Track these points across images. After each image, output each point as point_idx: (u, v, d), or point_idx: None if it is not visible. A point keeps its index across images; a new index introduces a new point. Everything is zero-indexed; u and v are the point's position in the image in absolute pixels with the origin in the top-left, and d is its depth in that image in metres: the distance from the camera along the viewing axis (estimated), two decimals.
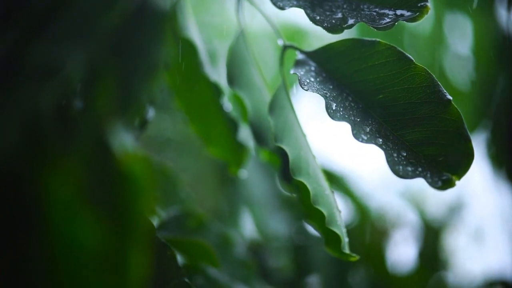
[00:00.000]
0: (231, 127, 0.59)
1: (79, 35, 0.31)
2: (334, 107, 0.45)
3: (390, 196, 1.18)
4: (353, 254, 0.46)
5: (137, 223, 0.29)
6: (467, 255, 1.15)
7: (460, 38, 1.20)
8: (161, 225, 0.58)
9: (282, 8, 0.48)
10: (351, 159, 1.11)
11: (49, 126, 0.30)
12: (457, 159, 0.44)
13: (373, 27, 0.45)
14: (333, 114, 0.45)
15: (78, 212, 0.29)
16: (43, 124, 0.29)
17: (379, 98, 0.45)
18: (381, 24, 0.45)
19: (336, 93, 0.46)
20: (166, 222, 0.58)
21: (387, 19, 0.45)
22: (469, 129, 0.44)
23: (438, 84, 0.44)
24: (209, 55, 0.61)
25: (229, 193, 0.94)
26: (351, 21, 0.46)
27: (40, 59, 0.30)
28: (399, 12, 0.45)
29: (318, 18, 0.47)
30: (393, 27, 0.45)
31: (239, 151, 0.60)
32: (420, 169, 0.44)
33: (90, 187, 0.29)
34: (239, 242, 0.63)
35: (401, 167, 0.44)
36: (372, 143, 0.44)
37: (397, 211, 1.13)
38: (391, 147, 0.44)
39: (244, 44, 0.55)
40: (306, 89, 0.46)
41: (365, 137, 0.44)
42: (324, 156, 1.05)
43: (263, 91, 0.56)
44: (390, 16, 0.45)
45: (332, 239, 0.46)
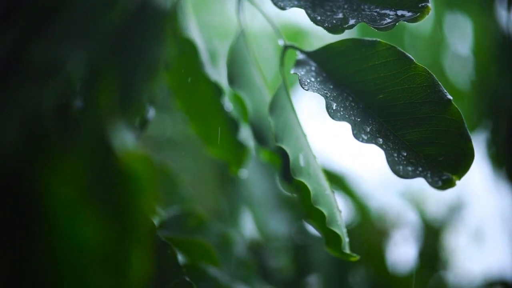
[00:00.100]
0: (232, 127, 0.59)
1: (79, 35, 0.31)
2: (335, 107, 0.45)
3: (390, 196, 1.18)
4: (353, 254, 0.46)
5: (138, 222, 0.29)
6: (467, 255, 1.15)
7: (460, 38, 1.20)
8: (162, 225, 0.58)
9: (282, 8, 0.48)
10: (351, 159, 1.11)
11: (50, 125, 0.30)
12: (457, 159, 0.44)
13: (374, 28, 0.45)
14: (333, 114, 0.45)
15: (79, 211, 0.29)
16: (43, 124, 0.29)
17: (380, 98, 0.45)
18: (382, 24, 0.45)
19: (337, 93, 0.46)
20: (166, 222, 0.58)
21: (388, 20, 0.45)
22: (469, 129, 0.44)
23: (439, 84, 0.44)
24: (210, 55, 0.61)
25: (229, 193, 0.94)
26: (352, 22, 0.46)
27: (40, 59, 0.30)
28: (400, 12, 0.45)
29: (319, 18, 0.47)
30: (394, 27, 0.45)
31: (239, 151, 0.60)
32: (420, 169, 0.44)
33: (91, 187, 0.29)
34: (239, 242, 0.63)
35: (401, 167, 0.44)
36: (373, 143, 0.44)
37: (397, 211, 1.13)
38: (392, 147, 0.44)
39: (245, 44, 0.55)
40: (307, 89, 0.46)
41: (365, 137, 0.44)
42: (324, 156, 1.05)
43: (264, 91, 0.56)
44: (391, 16, 0.45)
45: (333, 239, 0.46)
